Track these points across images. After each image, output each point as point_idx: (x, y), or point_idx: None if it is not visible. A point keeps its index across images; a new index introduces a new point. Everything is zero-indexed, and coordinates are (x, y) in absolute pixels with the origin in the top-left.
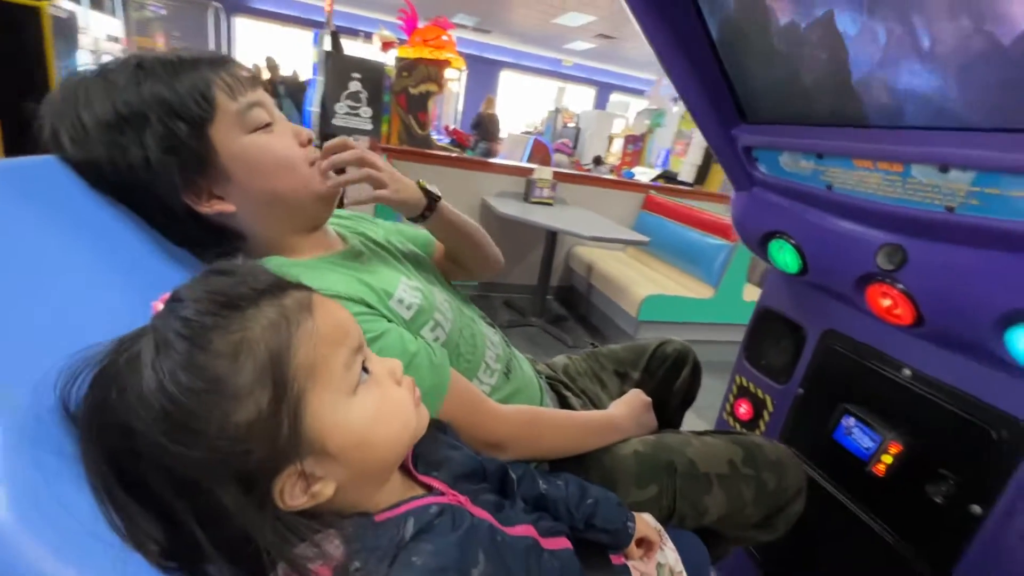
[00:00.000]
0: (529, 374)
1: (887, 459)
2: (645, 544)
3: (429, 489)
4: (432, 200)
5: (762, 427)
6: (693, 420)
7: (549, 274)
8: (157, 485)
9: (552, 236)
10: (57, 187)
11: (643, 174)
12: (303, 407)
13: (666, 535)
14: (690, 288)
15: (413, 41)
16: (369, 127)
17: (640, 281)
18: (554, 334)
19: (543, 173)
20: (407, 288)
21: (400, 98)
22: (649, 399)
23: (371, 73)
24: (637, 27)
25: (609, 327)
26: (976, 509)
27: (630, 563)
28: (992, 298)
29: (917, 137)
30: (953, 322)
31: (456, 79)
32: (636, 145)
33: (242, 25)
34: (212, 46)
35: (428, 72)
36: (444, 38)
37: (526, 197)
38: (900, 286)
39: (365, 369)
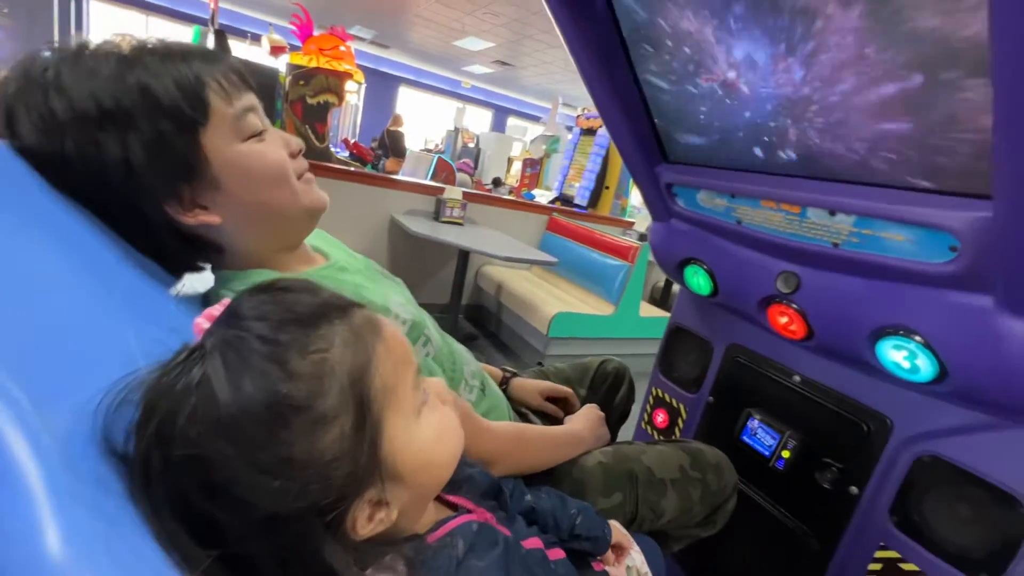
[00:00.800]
0: (497, 391)
1: (785, 454)
2: (617, 549)
3: (455, 508)
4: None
5: (677, 433)
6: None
7: (461, 293)
8: (234, 523)
9: (464, 256)
10: (5, 178)
11: (542, 196)
12: (381, 430)
13: (632, 539)
14: (593, 305)
15: (308, 49)
16: None
17: (548, 299)
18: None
19: (453, 193)
20: (399, 302)
21: (296, 107)
22: (602, 413)
23: (263, 78)
24: (566, 61)
25: (519, 344)
26: (854, 490)
27: (607, 568)
28: (866, 317)
29: (812, 186)
30: (836, 336)
31: (355, 92)
32: (534, 168)
33: (99, 11)
34: (57, 32)
35: (328, 83)
36: (342, 49)
37: (436, 216)
38: (795, 306)
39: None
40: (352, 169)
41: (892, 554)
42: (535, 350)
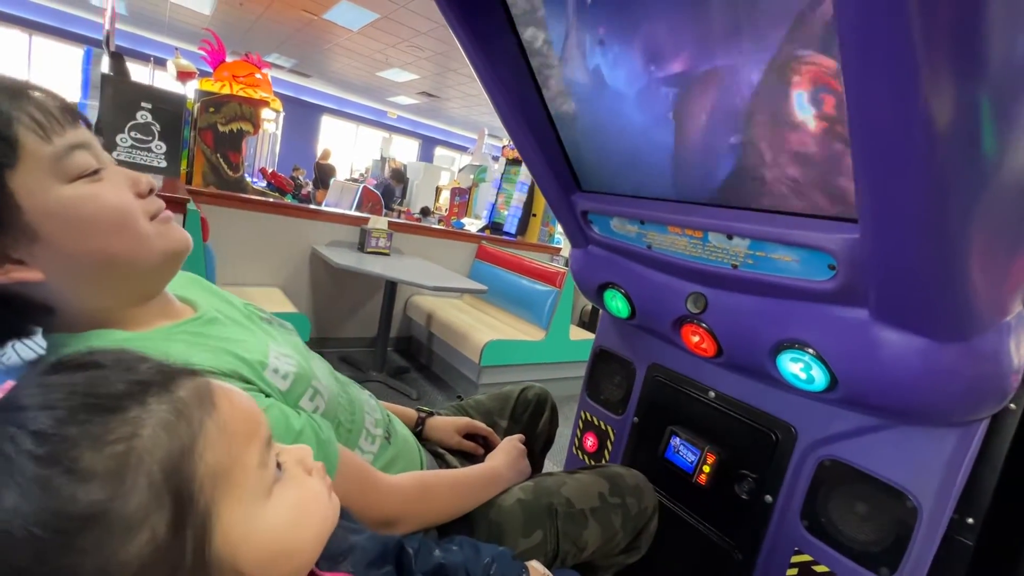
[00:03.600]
0: (408, 437)
1: (706, 468)
2: None
3: None
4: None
5: (606, 455)
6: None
7: (389, 325)
8: None
9: (392, 287)
10: None
11: (472, 224)
12: (211, 524)
13: None
14: (524, 331)
15: (220, 75)
16: (163, 164)
17: (479, 327)
18: (398, 388)
19: (379, 223)
20: (278, 355)
21: (205, 135)
22: (522, 447)
23: (167, 104)
24: (486, 95)
25: (452, 374)
26: (768, 499)
27: None
28: (766, 332)
29: (711, 212)
30: (742, 351)
31: (273, 120)
32: (463, 197)
33: None
34: None
35: (241, 111)
36: (258, 76)
37: (361, 247)
38: (704, 325)
39: (278, 464)
40: (269, 200)
41: (806, 558)
42: (469, 380)
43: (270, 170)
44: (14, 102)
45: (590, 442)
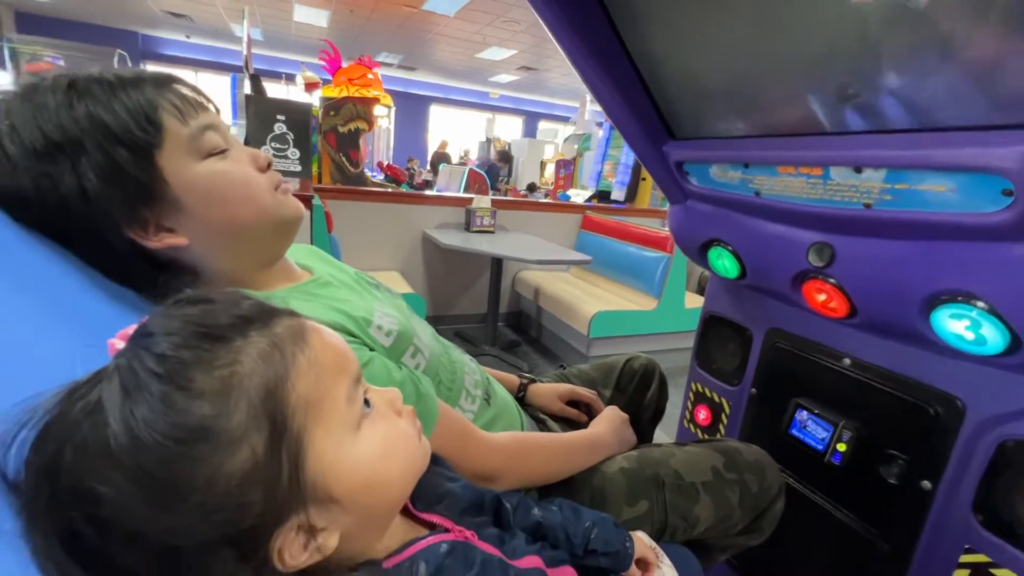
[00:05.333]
0: (507, 399)
1: (841, 447)
2: (642, 564)
3: (432, 527)
4: None
5: (722, 430)
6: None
7: (498, 301)
8: (129, 562)
9: (497, 263)
10: None
11: (578, 195)
12: (305, 448)
13: (662, 552)
14: (634, 301)
15: (338, 81)
16: (298, 168)
17: (587, 299)
18: (509, 361)
19: (482, 202)
20: (382, 315)
21: (329, 137)
22: (626, 415)
23: (296, 114)
24: (563, 55)
25: (561, 347)
26: (926, 484)
27: None
28: (915, 284)
29: (832, 142)
30: (883, 310)
31: (385, 116)
32: (568, 169)
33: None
34: None
35: (356, 110)
36: (370, 76)
37: (467, 227)
38: (832, 281)
39: (366, 402)
40: (383, 190)
41: (981, 558)
42: (578, 352)
43: (385, 163)
44: (159, 91)
45: (702, 415)
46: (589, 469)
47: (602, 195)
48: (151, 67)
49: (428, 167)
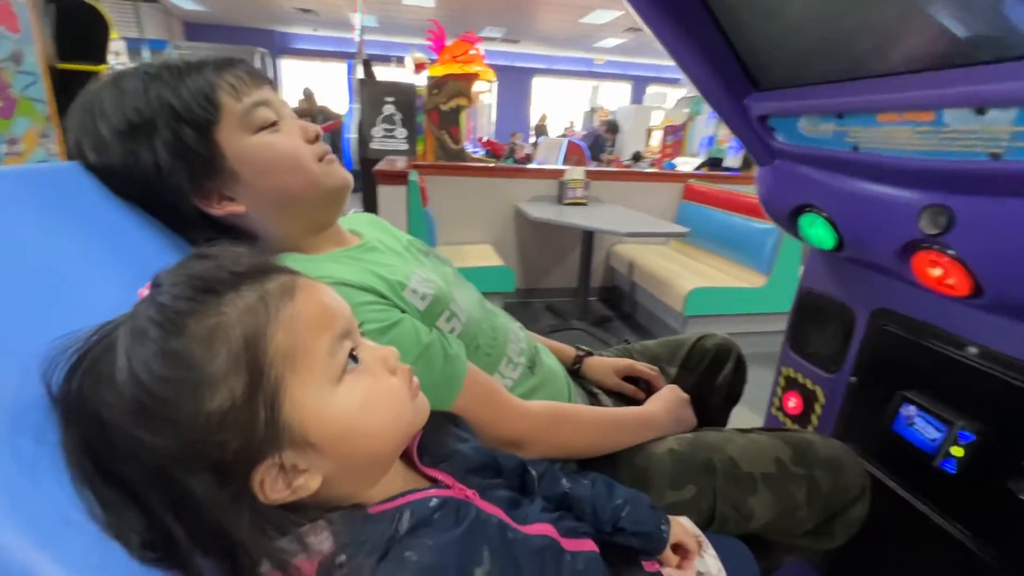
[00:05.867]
0: (556, 370)
1: (957, 451)
2: (681, 550)
3: (435, 482)
4: None
5: (814, 421)
6: (749, 417)
7: (588, 275)
8: (131, 475)
9: (589, 236)
10: (77, 192)
11: (685, 164)
12: (281, 395)
13: (706, 541)
14: (740, 278)
15: (443, 59)
16: (405, 147)
17: (685, 274)
18: (598, 336)
19: (574, 174)
20: (420, 279)
21: (432, 115)
22: (686, 395)
23: (403, 95)
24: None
25: (655, 324)
26: None
27: (665, 571)
28: None
29: (944, 78)
30: (1018, 289)
31: (487, 91)
32: (676, 135)
33: (287, 66)
34: None
35: (457, 87)
36: (472, 52)
37: (559, 199)
38: (950, 252)
39: (354, 357)
40: (475, 165)
41: None
42: (672, 331)
43: (485, 138)
44: (217, 73)
45: (792, 403)
46: (634, 447)
47: (713, 162)
48: (285, 61)
49: (530, 141)
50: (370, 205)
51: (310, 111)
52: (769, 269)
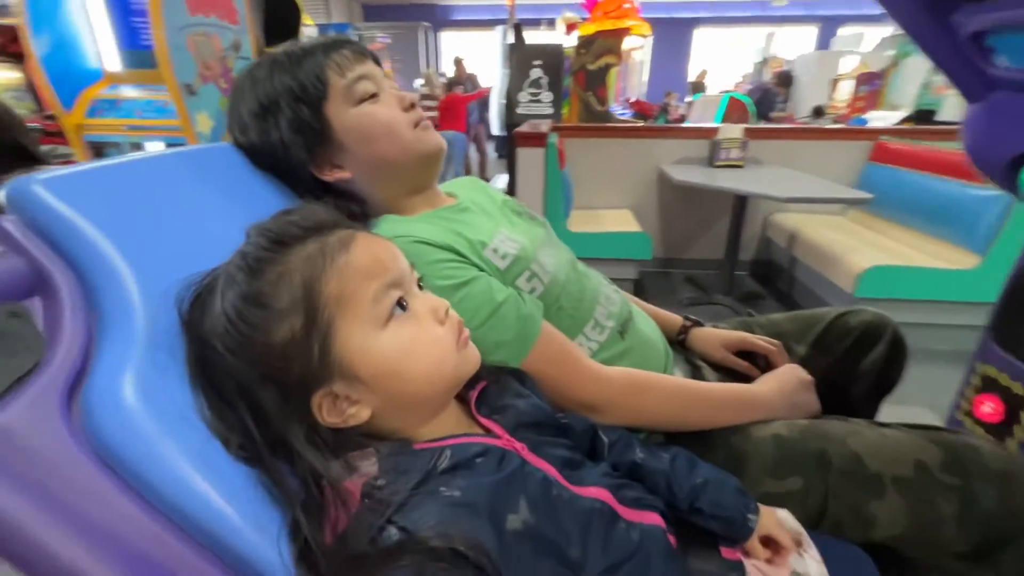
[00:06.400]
0: (651, 337)
1: None
2: (774, 545)
3: (488, 432)
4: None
5: (1018, 434)
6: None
7: (737, 245)
8: (225, 386)
9: (741, 202)
10: (228, 167)
11: (881, 119)
12: (332, 334)
13: (808, 540)
14: (940, 256)
15: (594, 16)
16: (550, 111)
17: (861, 249)
18: (742, 313)
19: (730, 132)
20: (504, 239)
21: (578, 77)
22: (808, 377)
23: (551, 57)
24: None
25: (816, 305)
26: None
27: (749, 562)
28: None
29: None
30: None
31: (640, 47)
32: (872, 84)
33: (447, 38)
34: (422, 62)
35: (606, 44)
36: (626, 6)
37: (710, 161)
38: None
39: (402, 306)
40: (617, 126)
41: None
42: None
43: (633, 98)
44: (326, 54)
45: (988, 408)
46: (733, 427)
47: (921, 115)
48: (445, 33)
49: (686, 100)
50: (513, 169)
51: (459, 80)
52: (985, 248)
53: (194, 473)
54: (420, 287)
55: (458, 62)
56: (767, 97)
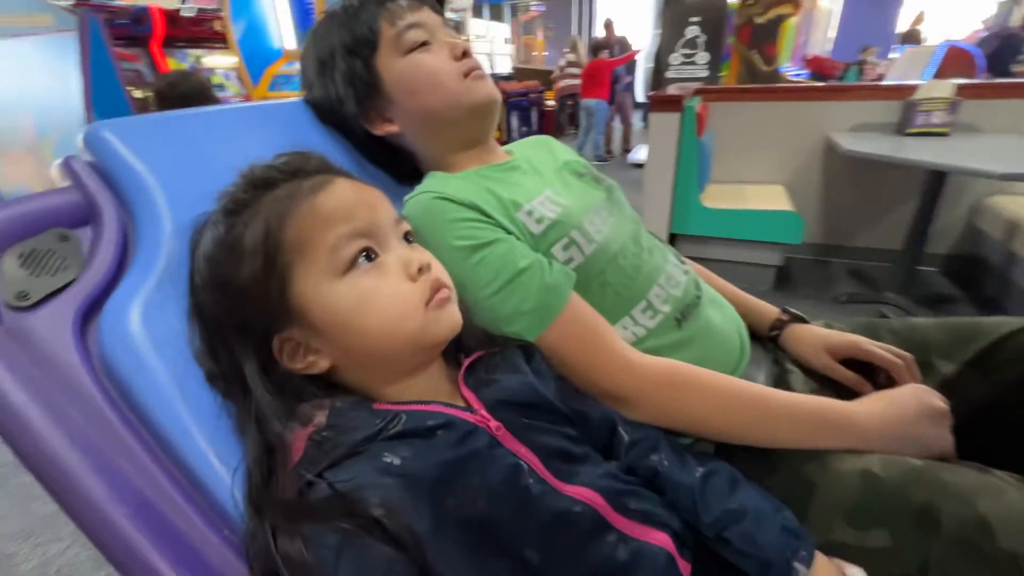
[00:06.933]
0: (722, 330)
1: None
2: None
3: (467, 406)
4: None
5: None
6: None
7: (924, 234)
8: (203, 318)
9: (938, 179)
10: (295, 123)
11: None
12: (289, 278)
13: None
14: None
15: None
16: (704, 73)
17: None
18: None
19: (935, 89)
20: (546, 201)
21: (743, 32)
22: (943, 406)
23: (711, 13)
24: None
25: None
26: None
27: None
28: None
29: None
30: None
31: None
32: None
33: (603, 4)
34: (575, 29)
35: None
36: None
37: (900, 128)
38: None
39: (368, 257)
40: (780, 86)
41: None
42: None
43: (811, 55)
44: (381, 2)
45: None
46: (807, 452)
47: None
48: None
49: (889, 56)
50: None
51: (606, 43)
52: None
53: (174, 393)
54: (408, 240)
55: (608, 24)
56: (1008, 45)
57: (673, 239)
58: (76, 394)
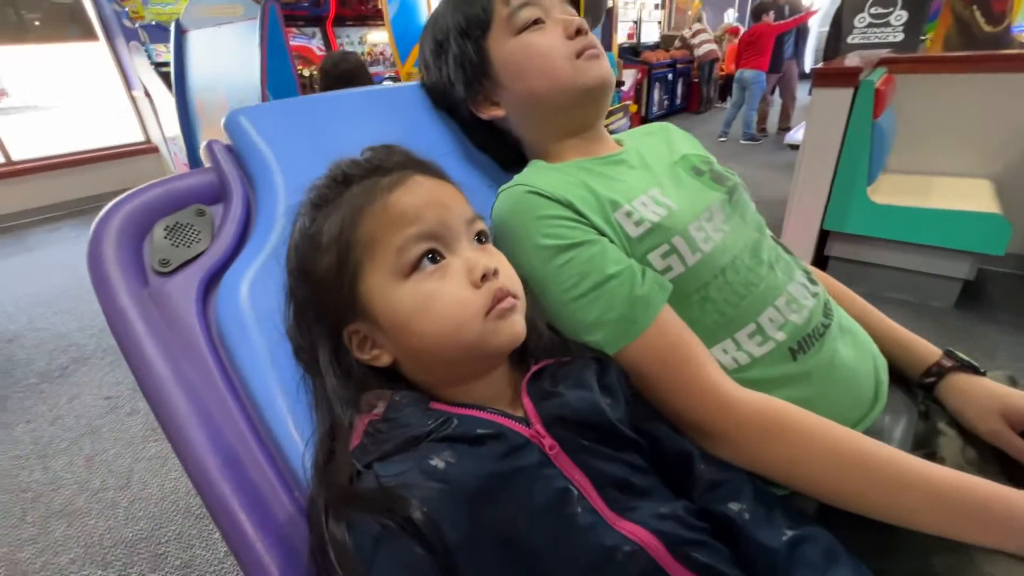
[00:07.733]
0: (853, 370)
1: None
2: None
3: (525, 418)
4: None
5: None
6: None
7: None
8: (291, 299)
9: None
10: (412, 106)
11: None
12: (359, 275)
13: None
14: None
15: None
16: (899, 37)
17: None
18: None
19: None
20: (649, 201)
21: None
22: None
23: None
24: None
25: None
26: None
27: None
28: None
29: None
30: None
31: None
32: None
33: None
34: None
35: None
36: None
37: None
38: None
39: (433, 260)
40: (1005, 53)
41: None
42: None
43: None
44: None
45: None
46: (943, 541)
47: None
48: None
49: None
50: None
51: (771, 4)
52: None
53: (267, 363)
54: (481, 241)
55: None
56: None
57: (824, 237)
58: (194, 354)
